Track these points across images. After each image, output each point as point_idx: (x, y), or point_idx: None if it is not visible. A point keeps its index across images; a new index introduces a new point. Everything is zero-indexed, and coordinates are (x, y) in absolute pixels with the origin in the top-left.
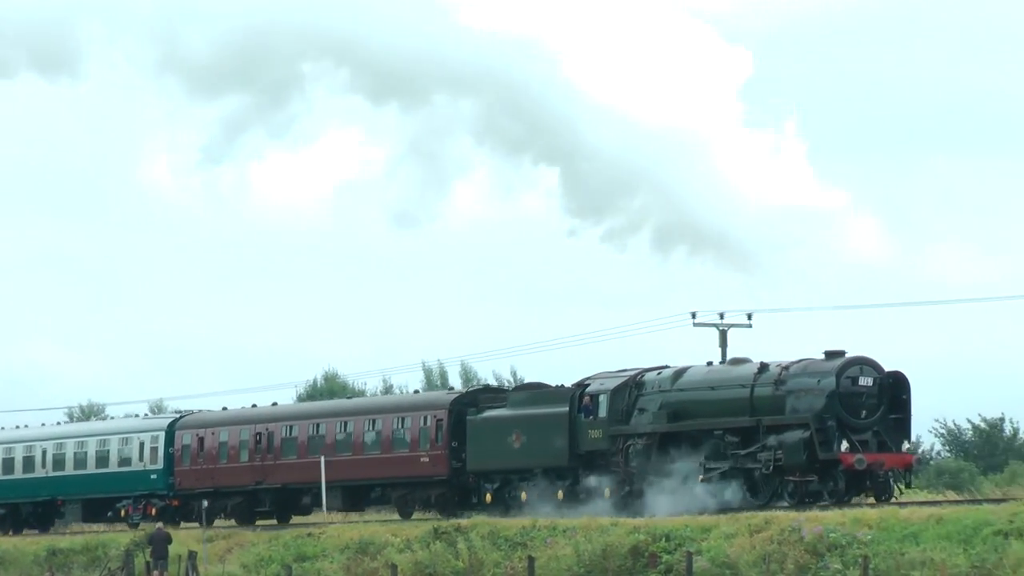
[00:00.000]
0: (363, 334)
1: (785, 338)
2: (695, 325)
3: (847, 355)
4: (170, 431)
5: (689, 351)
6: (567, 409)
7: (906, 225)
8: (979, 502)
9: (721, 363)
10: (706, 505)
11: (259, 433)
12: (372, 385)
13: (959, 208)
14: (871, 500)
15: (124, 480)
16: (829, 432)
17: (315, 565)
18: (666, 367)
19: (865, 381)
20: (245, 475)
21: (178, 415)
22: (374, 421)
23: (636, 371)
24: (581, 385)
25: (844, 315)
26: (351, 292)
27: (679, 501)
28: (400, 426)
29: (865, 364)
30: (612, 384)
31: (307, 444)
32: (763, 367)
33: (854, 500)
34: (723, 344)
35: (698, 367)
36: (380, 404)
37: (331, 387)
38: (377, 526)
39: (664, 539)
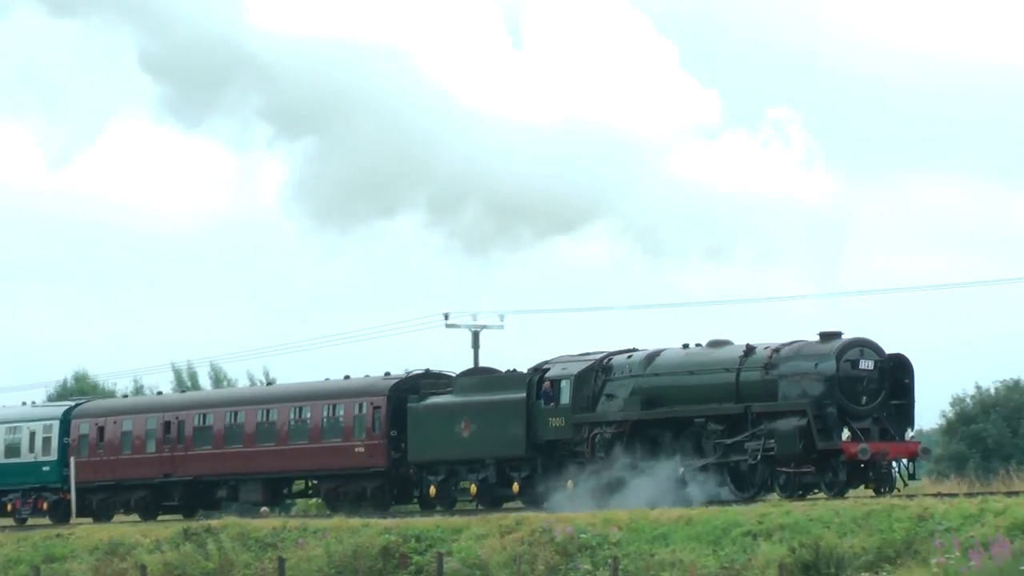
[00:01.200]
0: (112, 334)
1: (536, 339)
2: (448, 326)
3: (844, 336)
4: (65, 420)
5: (441, 352)
6: (524, 395)
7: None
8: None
9: (697, 346)
10: (686, 497)
11: (168, 422)
12: (123, 385)
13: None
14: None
15: (11, 472)
16: (829, 419)
17: (64, 566)
18: (634, 350)
19: (866, 364)
20: (152, 467)
21: (75, 402)
22: (301, 409)
23: (601, 354)
24: (539, 370)
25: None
26: (97, 290)
27: (656, 493)
28: (331, 414)
29: (866, 346)
30: (576, 368)
31: (223, 433)
32: (749, 349)
33: (849, 493)
34: (475, 345)
35: (673, 350)
36: (308, 391)
37: (81, 387)
38: (127, 527)
39: (415, 540)
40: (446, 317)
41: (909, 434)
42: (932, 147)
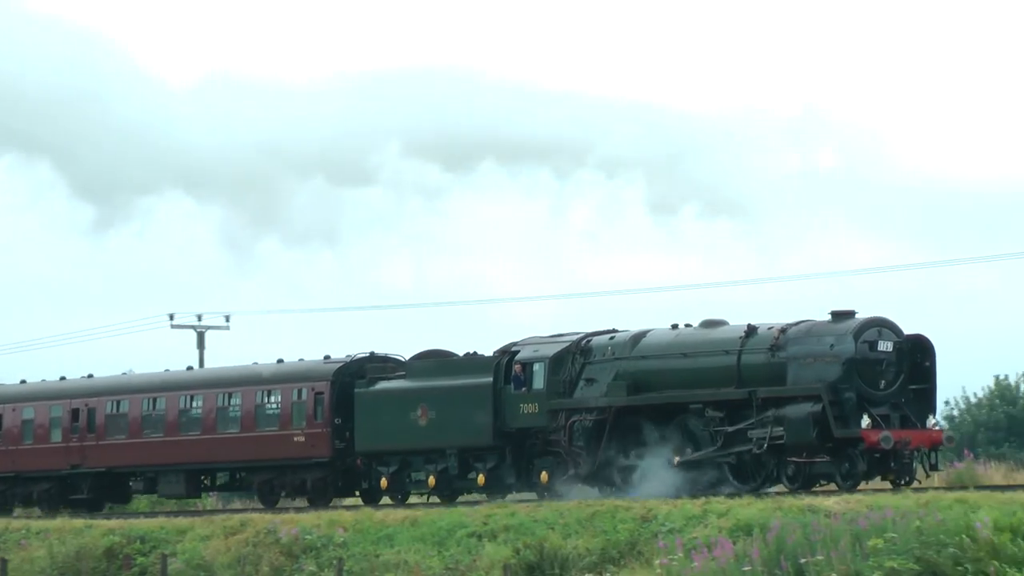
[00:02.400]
0: None
1: (264, 341)
2: (173, 327)
3: (858, 315)
4: None
5: (167, 353)
6: (491, 380)
7: None
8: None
9: (687, 326)
10: (680, 489)
11: (77, 409)
12: None
13: None
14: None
15: None
16: (846, 405)
17: None
18: (615, 331)
19: (884, 346)
20: (57, 458)
21: None
22: (230, 395)
23: (578, 335)
24: (507, 352)
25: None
26: None
27: (646, 484)
28: (266, 400)
29: (884, 326)
30: (551, 351)
31: (140, 422)
32: (751, 330)
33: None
34: (201, 346)
35: (662, 331)
36: (238, 376)
37: None
38: None
39: (139, 541)
40: (171, 318)
41: (931, 421)
42: None
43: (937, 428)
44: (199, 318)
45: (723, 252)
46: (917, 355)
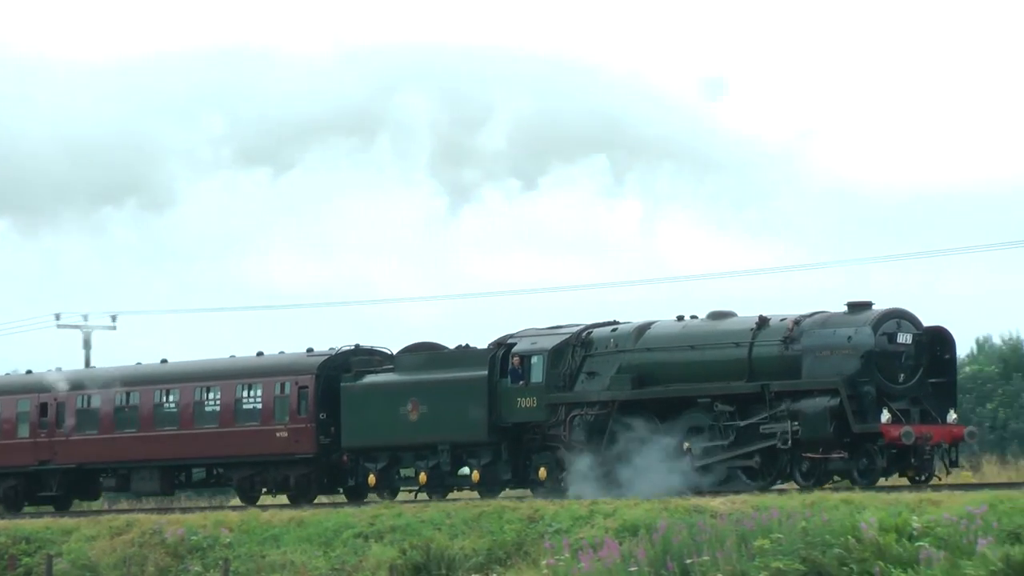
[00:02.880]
0: None
1: (152, 340)
2: (59, 327)
3: (875, 307)
4: None
5: (53, 353)
6: (486, 373)
7: None
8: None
9: (693, 318)
10: (686, 485)
11: (45, 403)
12: None
13: None
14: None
15: None
16: (865, 399)
17: None
18: (616, 323)
19: (904, 338)
20: (24, 453)
21: None
22: (208, 389)
23: (578, 327)
24: (503, 344)
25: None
26: None
27: (650, 480)
28: (247, 395)
29: (903, 318)
30: (550, 343)
31: (113, 416)
32: (763, 321)
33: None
34: (87, 347)
35: (667, 322)
36: (217, 369)
37: None
38: None
39: (24, 541)
40: (57, 317)
41: (952, 416)
42: None
43: (958, 424)
44: (85, 318)
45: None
46: (936, 348)
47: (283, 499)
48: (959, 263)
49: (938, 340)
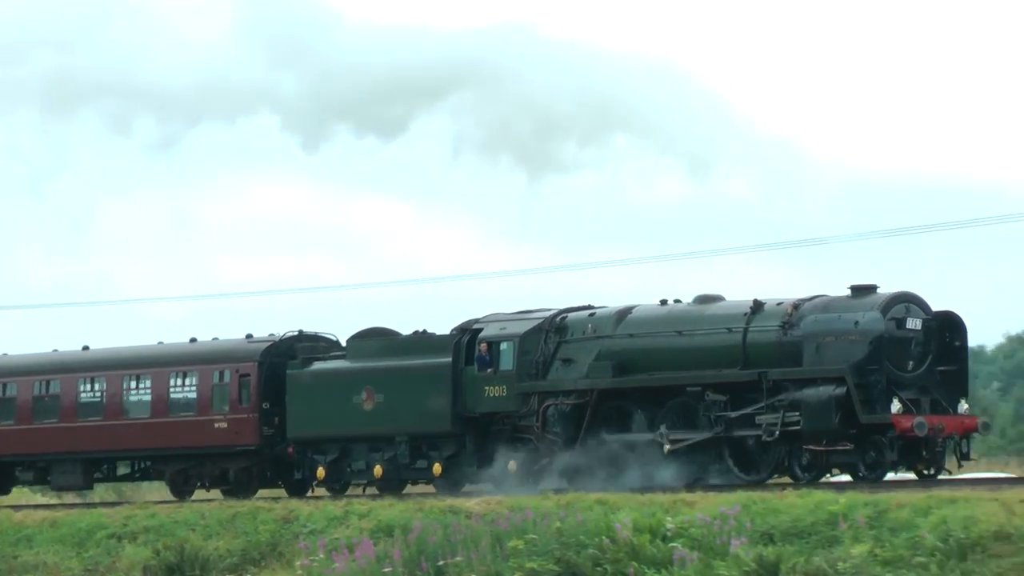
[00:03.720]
0: None
1: None
2: None
3: (880, 290)
4: None
5: None
6: (450, 360)
7: None
8: None
9: (676, 302)
10: (672, 480)
11: None
12: None
13: None
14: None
15: None
16: (874, 388)
17: None
18: (591, 307)
19: (913, 324)
20: None
21: None
22: (139, 377)
23: (550, 312)
24: (467, 330)
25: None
26: None
27: (632, 475)
28: (181, 383)
29: (912, 302)
30: (520, 328)
31: (30, 406)
32: (757, 305)
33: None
34: None
35: (649, 307)
36: (148, 356)
37: None
38: None
39: None
40: None
41: (963, 407)
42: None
43: (970, 414)
44: None
45: None
46: (946, 334)
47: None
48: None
49: (948, 325)
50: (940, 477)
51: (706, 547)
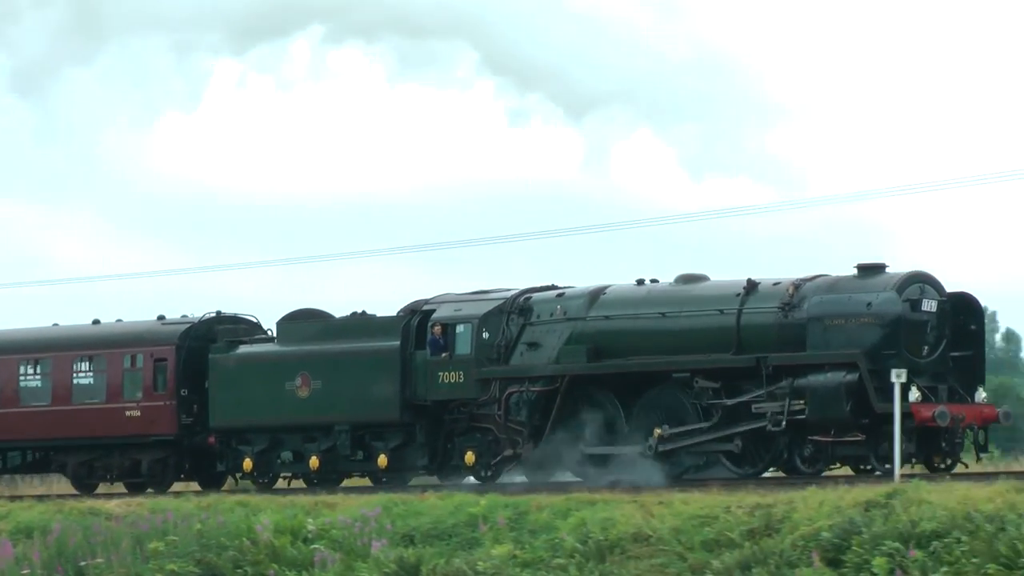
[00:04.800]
0: None
1: None
2: None
3: (889, 268)
4: None
5: None
6: (398, 344)
7: None
8: None
9: (653, 282)
10: (655, 473)
11: None
12: None
13: None
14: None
15: None
16: (890, 375)
17: None
18: (555, 287)
19: (928, 306)
20: None
21: None
22: (36, 362)
23: (512, 292)
24: (416, 311)
25: None
26: None
27: (610, 467)
28: (87, 368)
29: (926, 282)
30: (479, 309)
31: None
32: (752, 285)
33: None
34: None
35: (626, 287)
36: (48, 339)
37: None
38: None
39: None
40: None
41: (981, 395)
42: None
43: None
44: None
45: None
46: (960, 316)
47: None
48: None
49: (962, 308)
50: (956, 471)
51: (347, 549)
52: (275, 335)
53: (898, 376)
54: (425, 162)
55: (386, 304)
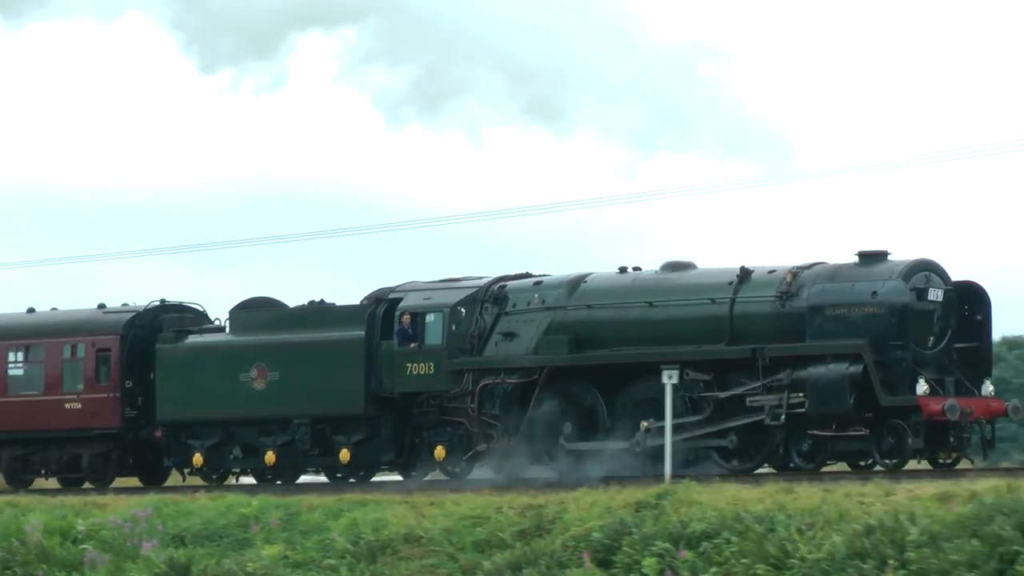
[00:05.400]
0: None
1: None
2: None
3: (891, 256)
4: None
5: None
6: (362, 334)
7: None
8: None
9: (635, 270)
10: (639, 469)
11: None
12: None
13: None
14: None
15: None
16: (897, 367)
17: None
18: (529, 275)
19: (935, 295)
20: None
21: None
22: None
23: (485, 280)
24: (381, 300)
25: None
26: None
27: (590, 464)
28: (24, 358)
29: (932, 271)
30: (451, 298)
31: None
32: (745, 273)
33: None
34: None
35: (608, 275)
36: None
37: None
38: None
39: None
40: None
41: (988, 388)
42: None
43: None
44: None
45: None
46: (965, 306)
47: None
48: None
49: (968, 297)
50: (959, 467)
51: (117, 549)
52: (227, 325)
53: None
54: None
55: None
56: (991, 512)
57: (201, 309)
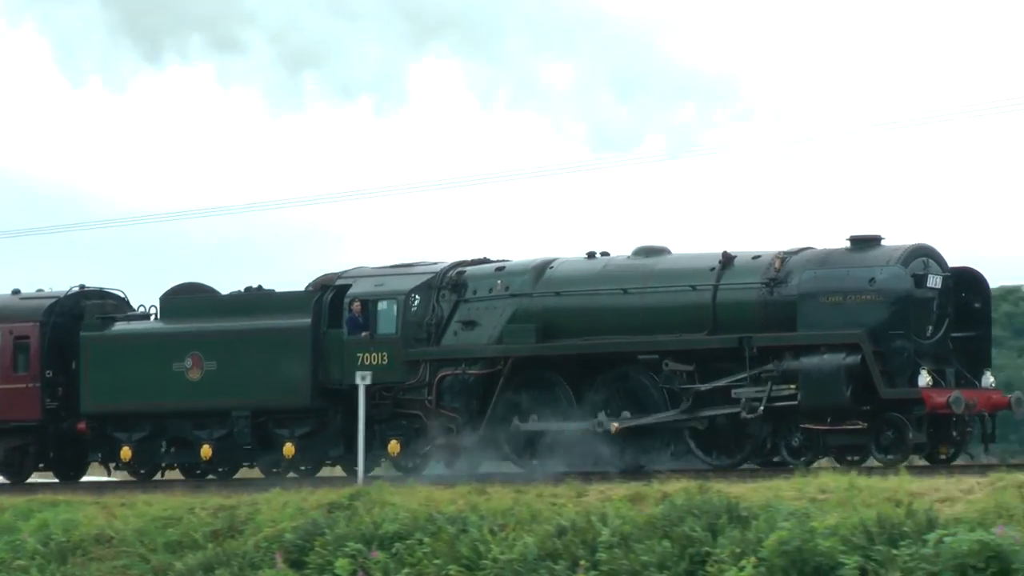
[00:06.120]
0: None
1: None
2: None
3: (885, 241)
4: None
5: None
6: (308, 321)
7: None
8: None
9: (604, 255)
10: (613, 462)
11: None
12: None
13: None
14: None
15: None
16: (898, 357)
17: None
18: (487, 260)
19: (934, 282)
20: None
21: None
22: None
23: (441, 265)
24: (328, 286)
25: None
26: None
27: (563, 456)
28: None
29: (930, 256)
30: (405, 285)
31: None
32: (728, 259)
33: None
34: None
35: (576, 260)
36: None
37: None
38: None
39: None
40: None
41: (989, 380)
42: None
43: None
44: None
45: None
46: (962, 294)
47: None
48: None
49: (966, 284)
50: (958, 462)
51: None
52: (157, 312)
53: None
54: None
55: None
56: (681, 513)
57: (123, 296)
